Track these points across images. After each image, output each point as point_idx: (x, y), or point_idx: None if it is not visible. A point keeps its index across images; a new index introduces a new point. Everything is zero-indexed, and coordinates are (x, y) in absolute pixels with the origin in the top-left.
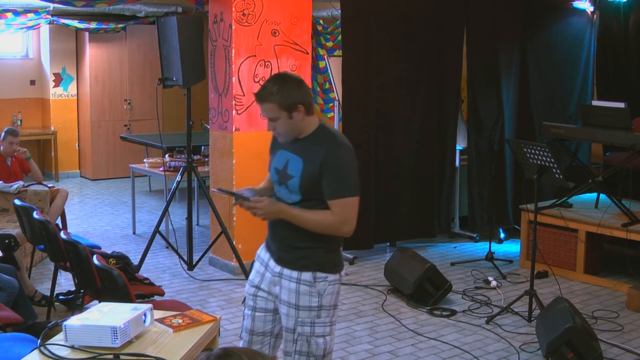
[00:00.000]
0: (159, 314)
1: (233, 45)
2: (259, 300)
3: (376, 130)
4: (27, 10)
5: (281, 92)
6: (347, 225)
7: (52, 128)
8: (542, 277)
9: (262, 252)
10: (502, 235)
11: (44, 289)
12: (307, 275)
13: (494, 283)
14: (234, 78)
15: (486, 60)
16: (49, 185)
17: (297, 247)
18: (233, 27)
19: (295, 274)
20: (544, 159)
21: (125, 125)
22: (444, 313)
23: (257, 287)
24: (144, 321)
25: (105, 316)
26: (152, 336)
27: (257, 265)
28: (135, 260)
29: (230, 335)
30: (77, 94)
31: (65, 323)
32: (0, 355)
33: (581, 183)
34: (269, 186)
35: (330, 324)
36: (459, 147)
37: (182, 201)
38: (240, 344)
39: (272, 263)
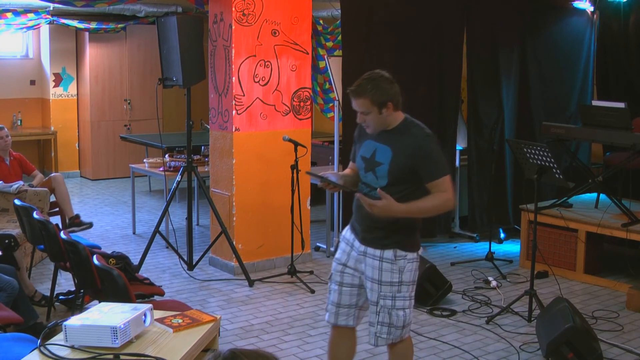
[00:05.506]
0: (159, 314)
1: (233, 45)
2: (346, 276)
3: None
4: (27, 10)
5: (374, 90)
6: (450, 201)
7: (52, 128)
8: (542, 277)
9: (347, 234)
10: (502, 235)
11: (44, 289)
12: (388, 254)
13: (494, 283)
14: (234, 78)
15: (486, 60)
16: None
17: (379, 228)
18: (233, 27)
19: (378, 252)
20: (544, 159)
21: (125, 125)
22: (444, 313)
23: (344, 265)
24: (144, 321)
25: (105, 316)
26: (152, 336)
27: (342, 245)
28: (135, 260)
29: (230, 335)
30: (77, 94)
31: (65, 323)
32: (0, 355)
33: (581, 183)
34: (352, 173)
35: (410, 299)
36: (459, 147)
37: (182, 201)
38: (326, 316)
39: (357, 243)
